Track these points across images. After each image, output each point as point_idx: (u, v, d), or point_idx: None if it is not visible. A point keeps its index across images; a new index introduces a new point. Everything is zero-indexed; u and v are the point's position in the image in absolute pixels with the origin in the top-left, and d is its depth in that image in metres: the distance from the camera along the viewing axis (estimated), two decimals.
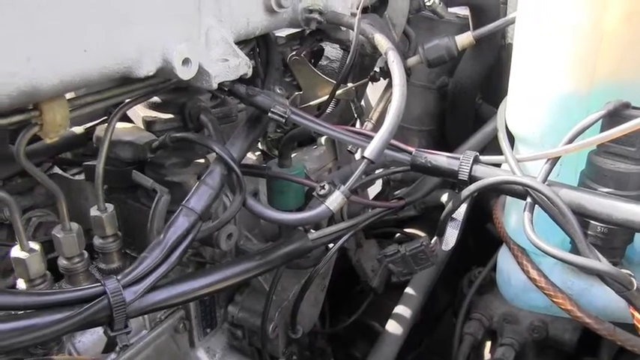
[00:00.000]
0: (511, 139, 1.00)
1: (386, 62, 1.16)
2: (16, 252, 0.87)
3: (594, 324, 0.93)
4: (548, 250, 0.79)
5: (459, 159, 0.91)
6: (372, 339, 1.54)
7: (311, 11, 0.99)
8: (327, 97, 1.34)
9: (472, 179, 0.89)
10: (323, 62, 1.71)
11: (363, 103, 1.49)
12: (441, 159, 0.92)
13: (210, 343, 1.12)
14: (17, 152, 0.81)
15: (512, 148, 0.99)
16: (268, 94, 0.92)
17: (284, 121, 0.89)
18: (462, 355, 1.31)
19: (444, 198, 1.55)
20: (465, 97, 1.44)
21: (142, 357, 0.99)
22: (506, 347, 1.31)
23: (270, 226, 1.19)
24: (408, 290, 1.29)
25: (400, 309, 1.24)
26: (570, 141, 0.83)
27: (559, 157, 0.85)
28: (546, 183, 0.84)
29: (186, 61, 0.80)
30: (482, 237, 1.51)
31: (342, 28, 1.09)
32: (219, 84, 0.85)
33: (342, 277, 1.46)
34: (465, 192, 0.90)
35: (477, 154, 0.91)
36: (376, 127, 1.27)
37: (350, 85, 1.36)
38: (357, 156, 1.31)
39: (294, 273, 1.12)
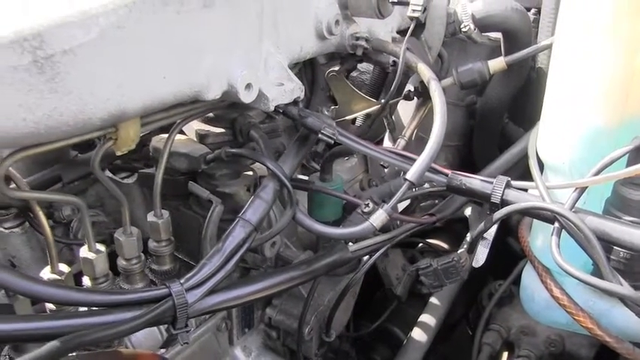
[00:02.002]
0: (540, 164, 1.07)
1: (420, 82, 1.24)
2: (84, 252, 0.95)
3: (614, 343, 0.99)
4: (574, 274, 0.86)
5: (492, 183, 0.97)
6: (392, 344, 1.61)
7: (357, 38, 1.06)
8: (361, 112, 1.42)
9: (504, 203, 0.96)
10: (353, 73, 1.78)
11: (393, 117, 1.55)
12: (475, 182, 0.99)
13: (247, 342, 1.19)
14: (92, 163, 0.89)
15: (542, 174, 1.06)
16: (318, 116, 0.99)
17: (332, 142, 0.97)
18: None
19: (467, 212, 1.62)
20: (493, 116, 1.51)
21: (188, 352, 1.07)
22: (522, 359, 1.38)
23: (306, 235, 1.26)
24: (433, 300, 1.36)
25: (425, 317, 1.31)
26: (598, 172, 0.90)
27: (586, 187, 0.92)
28: (573, 210, 0.91)
29: (248, 86, 0.88)
30: (503, 250, 1.57)
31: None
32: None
33: (365, 283, 1.53)
34: (497, 215, 0.97)
35: (509, 179, 0.97)
36: (408, 144, 1.35)
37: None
38: (387, 171, 1.38)
39: (329, 280, 1.19)
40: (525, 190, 1.01)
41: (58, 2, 0.69)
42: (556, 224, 0.92)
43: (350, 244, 1.06)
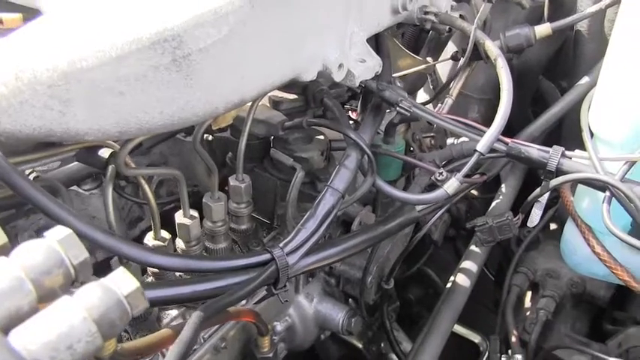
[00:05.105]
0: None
1: (467, 44, 1.29)
2: (180, 218, 1.03)
3: None
4: (624, 239, 0.98)
5: (548, 152, 1.06)
6: (425, 285, 1.75)
7: (426, 13, 1.12)
8: (408, 70, 1.48)
9: (558, 171, 1.06)
10: None
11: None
12: (532, 151, 1.07)
13: (309, 290, 1.29)
14: (194, 139, 0.96)
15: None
16: (394, 89, 1.06)
17: (409, 114, 1.04)
18: (509, 303, 1.51)
19: None
20: (529, 76, 1.57)
21: (265, 302, 1.17)
22: (547, 299, 1.50)
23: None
24: (473, 247, 1.48)
25: (467, 264, 1.43)
26: None
27: (636, 161, 1.01)
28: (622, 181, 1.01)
29: (340, 66, 0.95)
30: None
31: None
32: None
33: None
34: (553, 182, 1.07)
35: (564, 149, 1.06)
36: (456, 103, 1.42)
37: (430, 60, 1.50)
38: (449, 140, 1.46)
39: None
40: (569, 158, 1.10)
41: (189, 1, 0.74)
42: (607, 193, 1.02)
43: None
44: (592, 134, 1.13)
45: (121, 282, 0.54)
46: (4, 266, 0.51)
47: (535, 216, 1.16)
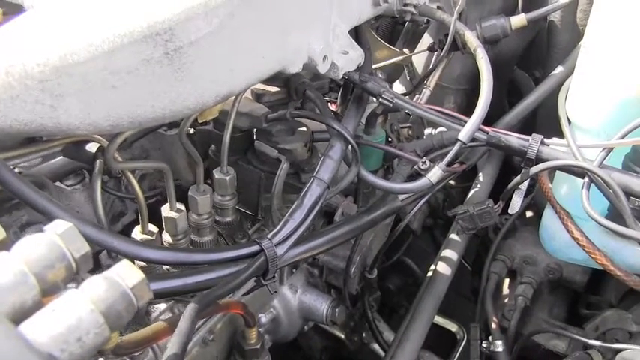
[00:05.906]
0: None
1: (445, 35, 1.30)
2: (166, 212, 1.03)
3: (624, 276, 1.16)
4: (606, 224, 1.00)
5: (528, 140, 1.09)
6: (403, 274, 1.78)
7: (406, 4, 1.13)
8: (385, 61, 1.50)
9: (538, 159, 1.08)
10: None
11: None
12: (512, 140, 1.10)
13: (292, 281, 1.31)
14: (180, 133, 0.96)
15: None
16: (376, 80, 1.07)
17: (391, 105, 1.06)
18: (489, 290, 1.54)
19: None
20: (505, 66, 1.60)
21: (250, 295, 1.18)
22: (525, 285, 1.54)
23: None
24: (453, 235, 1.50)
25: (447, 252, 1.45)
26: (624, 136, 1.03)
27: (613, 148, 1.04)
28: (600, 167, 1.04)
29: (325, 58, 0.95)
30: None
31: None
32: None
33: None
34: (533, 170, 1.10)
35: (542, 137, 1.09)
36: (433, 94, 1.44)
37: (406, 51, 1.52)
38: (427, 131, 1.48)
39: None
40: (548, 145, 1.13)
41: None
42: (586, 179, 1.05)
43: None
44: (569, 122, 1.17)
45: (126, 274, 0.54)
46: (7, 260, 0.51)
47: (516, 203, 1.19)
